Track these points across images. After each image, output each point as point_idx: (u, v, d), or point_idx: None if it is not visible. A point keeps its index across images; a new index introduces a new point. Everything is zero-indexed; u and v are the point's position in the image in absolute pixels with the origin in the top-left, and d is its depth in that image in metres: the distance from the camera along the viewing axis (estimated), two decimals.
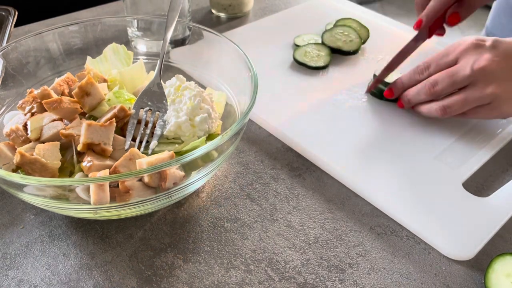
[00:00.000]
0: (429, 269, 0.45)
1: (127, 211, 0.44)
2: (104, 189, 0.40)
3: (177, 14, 0.58)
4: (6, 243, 0.46)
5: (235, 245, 0.46)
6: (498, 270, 0.42)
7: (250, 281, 0.43)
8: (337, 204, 0.51)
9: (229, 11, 0.86)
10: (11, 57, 0.55)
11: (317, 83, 0.67)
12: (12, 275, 0.43)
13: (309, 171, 0.55)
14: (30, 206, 0.49)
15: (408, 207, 0.49)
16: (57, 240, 0.46)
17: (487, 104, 0.54)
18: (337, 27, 0.76)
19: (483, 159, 0.55)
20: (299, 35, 0.76)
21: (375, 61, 0.73)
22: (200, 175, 0.44)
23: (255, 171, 0.54)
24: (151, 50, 0.70)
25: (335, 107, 0.63)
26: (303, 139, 0.57)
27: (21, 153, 0.43)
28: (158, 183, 0.43)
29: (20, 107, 0.50)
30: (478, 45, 0.55)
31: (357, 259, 0.45)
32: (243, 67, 0.52)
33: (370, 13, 0.88)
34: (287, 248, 0.46)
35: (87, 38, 0.61)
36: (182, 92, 0.52)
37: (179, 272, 0.44)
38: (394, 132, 0.59)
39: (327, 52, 0.71)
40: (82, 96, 0.49)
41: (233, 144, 0.47)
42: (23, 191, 0.41)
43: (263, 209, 0.50)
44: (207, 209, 0.50)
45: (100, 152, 0.45)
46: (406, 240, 0.47)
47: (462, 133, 0.59)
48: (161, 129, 0.50)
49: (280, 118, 0.60)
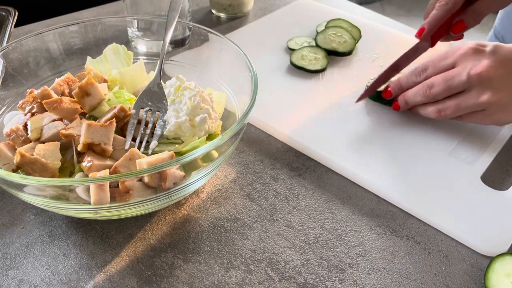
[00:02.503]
0: (429, 269, 0.45)
1: (127, 211, 0.44)
2: (104, 189, 0.40)
3: (177, 14, 0.58)
4: (6, 243, 0.46)
5: (235, 245, 0.46)
6: (498, 270, 0.42)
7: (250, 281, 0.43)
8: (337, 204, 0.51)
9: (229, 11, 0.86)
10: (11, 57, 0.55)
11: (317, 85, 0.67)
12: (12, 275, 0.43)
13: (309, 171, 0.55)
14: (30, 206, 0.49)
15: (432, 206, 0.49)
16: (57, 240, 0.46)
17: (482, 110, 0.54)
18: (329, 29, 0.76)
19: (496, 150, 0.56)
20: (291, 38, 0.76)
21: (370, 60, 0.73)
22: (200, 175, 0.44)
23: (255, 171, 0.55)
24: (151, 50, 0.70)
25: (340, 109, 0.62)
26: (314, 144, 0.57)
27: (21, 153, 0.43)
28: (158, 183, 0.43)
29: (20, 107, 0.50)
30: (478, 50, 0.54)
31: (357, 259, 0.45)
32: (243, 67, 0.52)
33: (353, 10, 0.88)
34: (287, 248, 0.46)
35: (87, 38, 0.61)
36: (182, 92, 0.52)
37: (179, 272, 0.44)
38: (402, 133, 0.59)
39: (323, 54, 0.71)
40: (82, 96, 0.49)
41: (233, 144, 0.47)
42: (23, 191, 0.41)
43: (263, 209, 0.50)
44: (207, 209, 0.50)
45: (100, 152, 0.45)
46: (406, 240, 0.47)
47: (471, 128, 0.59)
48: (161, 129, 0.50)
49: (284, 123, 0.60)
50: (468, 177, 0.53)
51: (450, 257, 0.46)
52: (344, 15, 0.84)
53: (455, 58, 0.56)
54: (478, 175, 0.53)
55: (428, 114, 0.58)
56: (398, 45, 0.76)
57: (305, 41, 0.75)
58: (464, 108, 0.54)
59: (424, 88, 0.57)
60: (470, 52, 0.55)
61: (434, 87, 0.56)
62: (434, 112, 0.57)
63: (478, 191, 0.51)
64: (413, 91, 0.58)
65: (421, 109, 0.59)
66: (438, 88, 0.55)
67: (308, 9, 0.88)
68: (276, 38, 0.77)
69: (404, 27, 0.85)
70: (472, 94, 0.53)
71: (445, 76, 0.55)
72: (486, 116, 0.54)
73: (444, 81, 0.55)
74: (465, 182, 0.52)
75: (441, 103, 0.56)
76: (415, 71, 0.59)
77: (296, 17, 0.85)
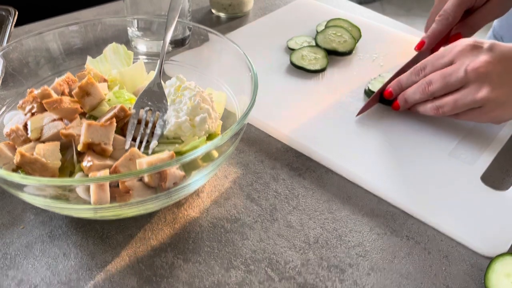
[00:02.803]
0: (429, 269, 0.45)
1: (127, 211, 0.44)
2: (104, 189, 0.40)
3: (177, 14, 0.58)
4: (6, 243, 0.46)
5: (235, 245, 0.46)
6: (498, 270, 0.42)
7: (250, 281, 0.43)
8: (337, 204, 0.51)
9: (229, 11, 0.86)
10: (11, 57, 0.55)
11: (317, 85, 0.67)
12: (12, 275, 0.43)
13: (309, 171, 0.55)
14: (30, 206, 0.49)
15: (432, 206, 0.49)
16: (57, 240, 0.46)
17: (479, 107, 0.54)
18: (329, 28, 0.76)
19: (496, 150, 0.56)
20: (291, 38, 0.76)
21: (370, 60, 0.73)
22: (200, 175, 0.44)
23: (255, 171, 0.55)
24: (151, 50, 0.70)
25: (340, 109, 0.62)
26: (314, 144, 0.57)
27: (21, 153, 0.43)
28: (158, 183, 0.43)
29: (20, 107, 0.50)
30: (475, 47, 0.55)
31: (357, 260, 0.45)
32: (243, 67, 0.52)
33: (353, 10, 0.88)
34: (287, 248, 0.46)
35: (87, 38, 0.61)
36: (182, 92, 0.52)
37: (179, 272, 0.44)
38: (402, 133, 0.59)
39: (323, 54, 0.71)
40: (82, 96, 0.49)
41: (233, 144, 0.47)
42: (23, 191, 0.41)
43: (263, 209, 0.50)
44: (207, 209, 0.50)
45: (100, 152, 0.45)
46: (406, 240, 0.47)
47: (471, 127, 0.59)
48: (161, 129, 0.50)
49: (284, 123, 0.60)
50: (468, 177, 0.53)
51: (450, 257, 0.46)
52: (344, 14, 0.84)
53: (453, 55, 0.56)
54: (478, 175, 0.53)
55: (427, 111, 0.58)
56: (398, 44, 0.76)
57: (305, 40, 0.75)
58: (462, 105, 0.54)
59: (422, 85, 0.57)
60: (468, 49, 0.55)
61: (432, 84, 0.56)
62: (432, 109, 0.57)
63: (478, 191, 0.51)
64: (412, 89, 0.59)
65: (420, 107, 0.59)
66: (436, 85, 0.56)
67: (308, 8, 0.88)
68: (276, 38, 0.77)
69: (404, 27, 0.84)
70: (470, 90, 0.53)
71: (443, 73, 0.55)
72: (483, 114, 0.54)
73: (442, 77, 0.55)
74: (465, 182, 0.52)
75: (439, 99, 0.56)
76: (414, 70, 0.59)
77: (296, 16, 0.85)
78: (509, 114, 0.54)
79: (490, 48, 0.54)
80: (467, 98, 0.54)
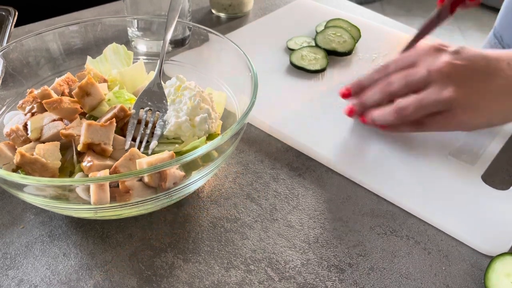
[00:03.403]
0: (429, 269, 0.45)
1: (127, 211, 0.44)
2: (104, 189, 0.40)
3: (177, 14, 0.58)
4: (6, 243, 0.46)
5: (235, 245, 0.46)
6: (498, 270, 0.42)
7: (250, 281, 0.43)
8: (337, 204, 0.51)
9: (229, 11, 0.86)
10: (11, 57, 0.55)
11: (317, 85, 0.67)
12: (12, 275, 0.43)
13: (309, 171, 0.55)
14: (30, 206, 0.49)
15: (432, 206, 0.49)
16: (57, 240, 0.46)
17: (446, 111, 0.51)
18: (328, 29, 0.76)
19: (496, 150, 0.56)
20: (291, 38, 0.76)
21: (370, 60, 0.73)
22: (200, 175, 0.44)
23: (255, 171, 0.55)
24: (151, 50, 0.70)
25: (340, 109, 0.62)
26: (314, 144, 0.56)
27: (21, 153, 0.43)
28: (158, 183, 0.43)
29: (20, 107, 0.50)
30: (439, 49, 0.53)
31: (357, 259, 0.45)
32: (243, 67, 0.52)
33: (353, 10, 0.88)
34: (287, 248, 0.46)
35: (87, 38, 0.61)
36: (182, 92, 0.52)
37: (179, 272, 0.44)
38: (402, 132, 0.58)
39: (323, 54, 0.71)
40: (82, 96, 0.49)
41: (233, 144, 0.47)
42: (23, 191, 0.41)
43: (263, 209, 0.50)
44: (207, 209, 0.50)
45: (100, 152, 0.45)
46: (406, 240, 0.47)
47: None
48: (161, 129, 0.50)
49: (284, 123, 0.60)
50: (469, 177, 0.53)
51: (450, 257, 0.46)
52: (343, 15, 0.84)
53: (417, 56, 0.54)
54: (478, 175, 0.53)
55: (385, 116, 0.54)
56: (397, 44, 0.76)
57: (305, 41, 0.75)
58: (426, 105, 0.51)
59: (382, 84, 0.55)
60: (432, 50, 0.54)
61: (393, 84, 0.54)
62: (392, 113, 0.53)
63: (479, 191, 0.51)
64: (371, 90, 0.56)
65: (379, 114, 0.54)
66: (397, 84, 0.53)
67: (307, 9, 0.88)
68: (276, 38, 0.77)
69: (404, 27, 0.85)
70: (434, 89, 0.51)
71: (405, 73, 0.54)
72: (450, 118, 0.52)
73: (404, 77, 0.53)
74: (465, 182, 0.52)
75: (400, 101, 0.53)
76: (376, 69, 0.57)
77: (295, 17, 0.85)
78: (479, 120, 0.52)
79: (456, 51, 0.52)
80: (431, 97, 0.51)
